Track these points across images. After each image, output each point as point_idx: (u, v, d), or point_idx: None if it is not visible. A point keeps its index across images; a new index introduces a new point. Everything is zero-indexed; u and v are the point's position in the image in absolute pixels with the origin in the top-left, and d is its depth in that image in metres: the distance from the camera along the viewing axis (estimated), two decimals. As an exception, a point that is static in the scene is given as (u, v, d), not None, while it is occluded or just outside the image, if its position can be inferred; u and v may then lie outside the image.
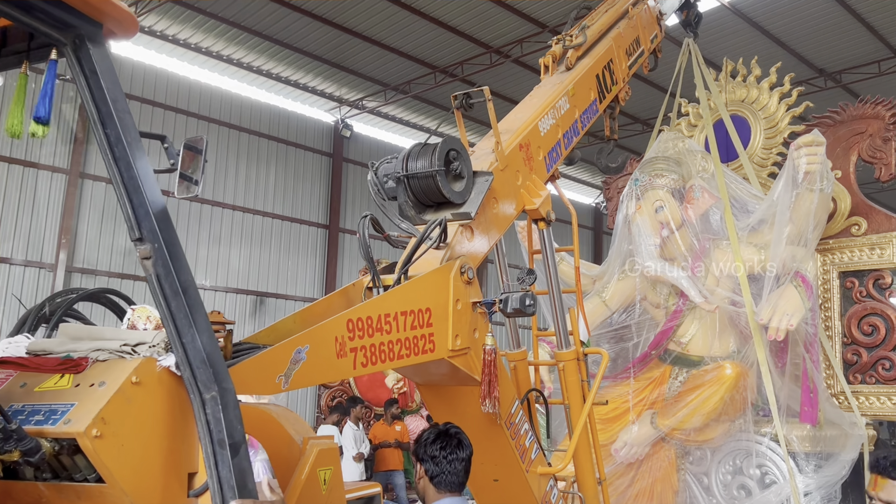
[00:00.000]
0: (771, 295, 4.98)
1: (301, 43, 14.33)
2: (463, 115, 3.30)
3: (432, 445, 2.66)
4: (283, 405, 10.07)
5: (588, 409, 3.49)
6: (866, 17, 13.35)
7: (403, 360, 2.68)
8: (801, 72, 14.28)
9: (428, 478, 2.66)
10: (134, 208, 1.69)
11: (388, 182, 3.05)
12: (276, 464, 2.24)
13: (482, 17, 13.40)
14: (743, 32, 13.31)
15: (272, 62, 15.14)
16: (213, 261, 15.42)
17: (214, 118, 15.44)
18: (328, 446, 2.19)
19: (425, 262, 2.92)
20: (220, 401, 1.63)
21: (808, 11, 13.06)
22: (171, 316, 1.72)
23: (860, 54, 14.42)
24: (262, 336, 2.63)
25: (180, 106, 14.98)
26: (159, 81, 14.80)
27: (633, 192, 5.67)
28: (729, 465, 5.17)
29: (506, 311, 2.98)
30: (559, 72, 4.01)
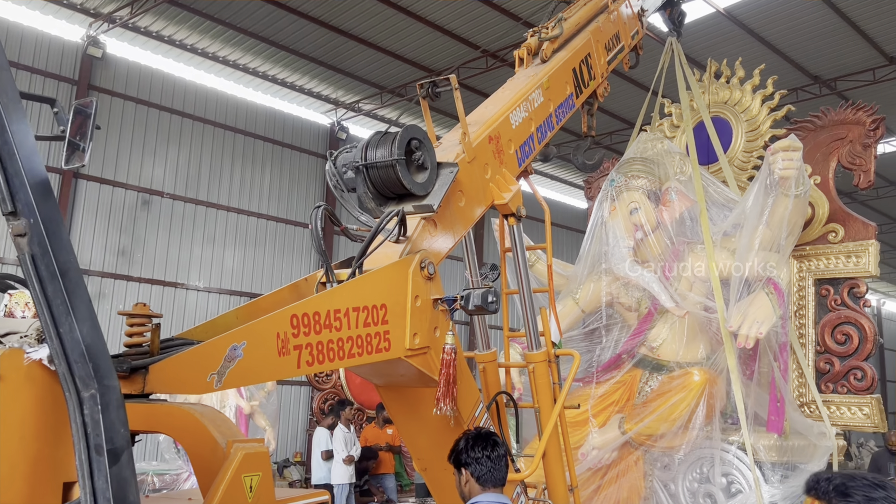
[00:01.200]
0: (741, 302, 4.76)
1: (297, 45, 14.07)
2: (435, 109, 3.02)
3: (474, 449, 2.75)
4: (275, 407, 9.69)
5: (558, 411, 3.21)
6: (861, 25, 13.21)
7: (355, 359, 2.40)
8: (795, 79, 14.19)
9: (474, 479, 2.76)
10: (7, 178, 1.37)
11: (347, 172, 2.77)
12: (198, 469, 1.96)
13: (478, 21, 13.18)
14: (738, 38, 13.16)
15: (268, 64, 14.87)
16: (207, 262, 15.10)
17: (209, 119, 15.14)
18: (256, 450, 1.90)
19: (383, 256, 2.64)
20: (100, 400, 1.34)
21: (803, 18, 12.92)
22: (46, 302, 1.42)
23: (855, 62, 14.29)
24: (198, 332, 2.35)
25: (175, 106, 14.68)
26: (154, 82, 14.50)
27: (608, 193, 5.43)
28: (696, 473, 4.94)
29: (467, 308, 2.70)
30: (534, 64, 3.76)
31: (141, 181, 14.24)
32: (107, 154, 13.81)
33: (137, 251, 14.15)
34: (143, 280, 14.14)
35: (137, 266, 14.15)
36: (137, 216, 14.22)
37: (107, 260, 13.74)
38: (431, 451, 2.96)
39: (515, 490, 3.15)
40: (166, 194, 14.53)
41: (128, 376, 1.96)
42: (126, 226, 14.06)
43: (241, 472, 1.89)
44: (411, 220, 2.74)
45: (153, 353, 2.05)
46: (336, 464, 9.46)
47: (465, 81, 14.05)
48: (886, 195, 20.71)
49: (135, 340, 2.09)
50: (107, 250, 13.77)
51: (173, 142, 14.61)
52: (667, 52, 6.16)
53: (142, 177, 14.24)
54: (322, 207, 2.55)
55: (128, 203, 14.09)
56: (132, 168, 14.16)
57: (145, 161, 14.28)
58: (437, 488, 3.09)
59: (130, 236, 14.10)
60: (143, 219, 14.27)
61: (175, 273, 14.53)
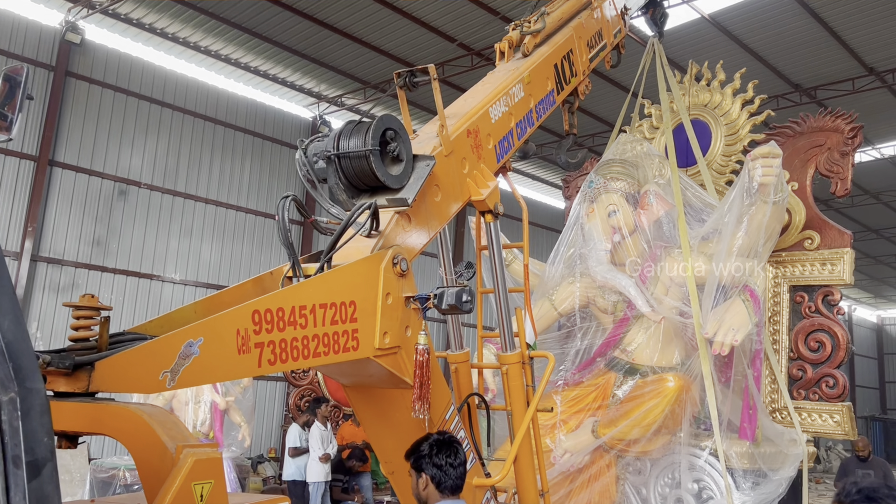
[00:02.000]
0: (717, 308, 4.67)
1: (281, 37, 13.84)
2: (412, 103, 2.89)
3: (438, 456, 2.74)
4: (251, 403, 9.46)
5: (531, 415, 3.09)
6: (843, 35, 13.34)
7: (321, 358, 2.26)
8: (777, 86, 14.28)
9: (434, 484, 2.75)
10: None
11: (318, 162, 2.62)
12: (145, 475, 1.80)
13: (465, 20, 13.07)
14: (721, 45, 13.21)
15: (250, 55, 14.61)
16: (184, 254, 14.81)
17: (189, 109, 14.84)
18: (208, 456, 1.75)
19: (353, 251, 2.50)
20: (21, 405, 1.17)
21: (786, 27, 13.00)
22: (-43, 292, 1.24)
23: (835, 71, 14.41)
24: (153, 326, 2.19)
25: (154, 96, 14.38)
26: (134, 70, 14.19)
27: (586, 195, 5.31)
28: (668, 478, 4.85)
29: (440, 307, 2.57)
30: (515, 58, 3.64)
31: (118, 171, 13.92)
32: (83, 142, 13.48)
33: (113, 242, 13.84)
34: (118, 271, 13.82)
35: (112, 257, 13.83)
36: (114, 206, 13.90)
37: (81, 250, 13.42)
38: (400, 453, 2.82)
39: (485, 495, 3.03)
40: (144, 185, 14.22)
41: (71, 373, 1.80)
42: (102, 216, 13.74)
43: (192, 479, 1.73)
44: (384, 214, 2.60)
45: (101, 349, 1.89)
46: (312, 461, 9.34)
47: (449, 79, 13.93)
48: (861, 203, 20.99)
49: (81, 334, 1.93)
50: (81, 240, 13.45)
51: (152, 131, 14.30)
52: (648, 52, 6.07)
53: (119, 166, 13.92)
54: (290, 197, 2.40)
55: (104, 192, 13.76)
56: (109, 157, 13.83)
57: (123, 150, 13.95)
58: (403, 492, 2.96)
59: (106, 226, 13.78)
60: (120, 209, 13.96)
61: (151, 265, 14.23)
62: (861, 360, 35.06)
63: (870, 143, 17.96)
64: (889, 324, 38.24)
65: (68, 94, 13.28)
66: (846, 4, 12.47)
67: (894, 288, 33.66)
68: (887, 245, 26.21)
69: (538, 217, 19.99)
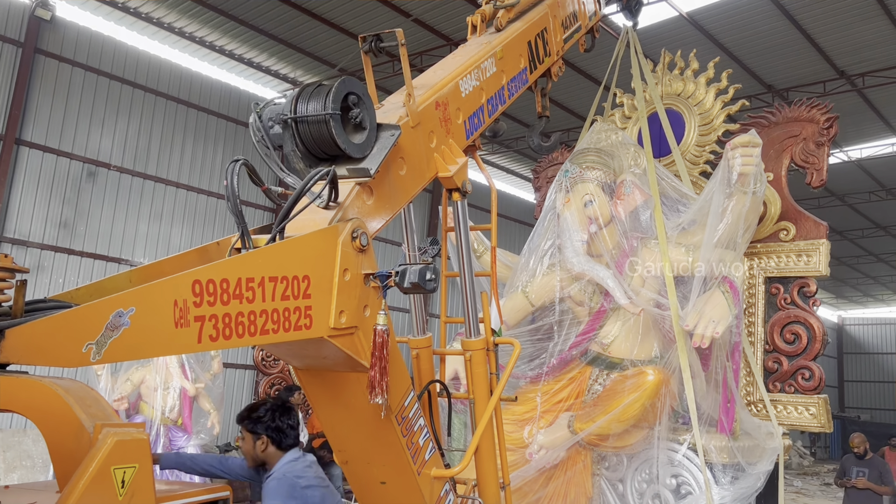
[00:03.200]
0: (697, 300, 4.52)
1: (257, 20, 13.50)
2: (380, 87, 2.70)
3: (278, 419, 3.02)
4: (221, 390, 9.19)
5: (494, 404, 2.92)
6: (816, 38, 13.42)
7: (269, 335, 2.05)
8: (750, 86, 14.35)
9: (275, 445, 3.02)
10: None
11: (273, 127, 2.41)
12: (57, 459, 1.58)
13: (444, 9, 12.82)
14: (698, 43, 13.22)
15: (226, 38, 14.24)
16: (153, 238, 14.44)
17: (162, 91, 14.43)
18: (133, 437, 1.54)
19: (309, 223, 2.30)
20: None
21: (762, 28, 13.05)
22: None
23: (807, 74, 14.54)
24: (80, 294, 1.97)
25: (126, 76, 13.94)
26: (106, 49, 13.75)
27: (562, 184, 5.13)
28: (645, 473, 4.68)
29: (402, 285, 2.38)
30: (488, 33, 3.46)
31: (87, 152, 13.48)
32: (52, 121, 13.02)
33: (81, 224, 13.42)
34: (86, 254, 13.42)
35: (80, 239, 13.42)
36: (82, 188, 13.48)
37: (48, 232, 13.00)
38: (354, 442, 2.64)
39: (444, 487, 2.85)
40: (113, 166, 13.80)
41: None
42: (70, 197, 13.31)
43: (111, 463, 1.52)
44: (344, 185, 2.40)
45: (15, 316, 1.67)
46: None
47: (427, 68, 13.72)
48: (827, 205, 21.23)
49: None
50: (48, 221, 13.02)
51: (123, 113, 13.87)
52: (622, 41, 5.89)
53: (88, 147, 13.48)
54: (241, 161, 2.19)
55: (72, 173, 13.33)
56: (78, 137, 13.39)
57: (92, 131, 13.52)
58: (358, 483, 2.77)
59: (74, 208, 13.35)
60: (88, 191, 13.54)
61: (119, 248, 13.84)
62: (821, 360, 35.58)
63: (837, 145, 18.15)
64: (849, 324, 38.99)
65: (37, 71, 12.81)
66: (821, 8, 12.53)
67: (855, 289, 34.29)
68: (850, 247, 26.62)
69: (509, 210, 19.88)
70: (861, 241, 25.87)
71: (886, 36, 13.37)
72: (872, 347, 37.62)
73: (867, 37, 13.39)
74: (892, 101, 15.73)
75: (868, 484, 8.09)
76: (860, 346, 38.23)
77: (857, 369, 37.83)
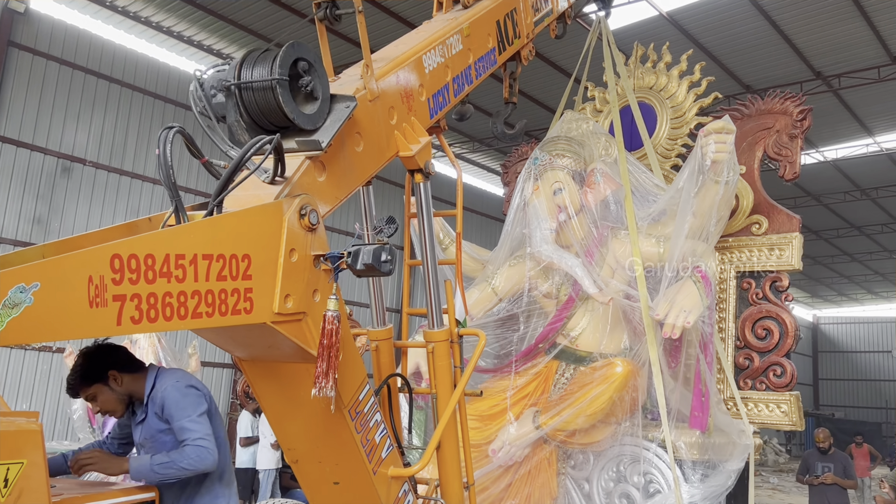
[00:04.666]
0: (668, 290, 4.34)
1: (236, 15, 13.22)
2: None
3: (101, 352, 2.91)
4: None
5: (457, 398, 2.72)
6: (793, 39, 13.52)
7: (203, 319, 1.84)
8: (729, 86, 14.39)
9: (126, 372, 2.90)
10: None
11: (216, 96, 2.20)
12: None
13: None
14: (677, 43, 13.25)
15: (204, 33, 14.10)
16: (130, 235, 14.07)
17: (139, 86, 14.16)
18: (19, 428, 1.31)
19: (252, 198, 2.09)
20: None
21: (740, 28, 13.10)
22: None
23: (785, 74, 14.63)
24: (-19, 268, 1.72)
25: (102, 70, 13.69)
26: (81, 42, 13.51)
27: (531, 172, 4.94)
28: (612, 472, 4.50)
29: (355, 266, 2.18)
30: (455, 10, 3.27)
31: (62, 147, 13.16)
32: (25, 116, 12.68)
33: (55, 220, 13.09)
34: (60, 251, 13.10)
35: (54, 235, 13.06)
36: (56, 183, 13.14)
37: (21, 227, 12.66)
38: (305, 440, 2.43)
39: (402, 487, 2.65)
40: (88, 162, 13.48)
41: None
42: (44, 192, 12.98)
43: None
44: (293, 160, 2.19)
45: None
46: (263, 448, 9.11)
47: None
48: (803, 205, 21.36)
49: None
50: (21, 217, 12.68)
51: (98, 107, 13.54)
52: (595, 31, 5.70)
53: (63, 142, 13.15)
54: (175, 129, 1.98)
55: (46, 169, 13.00)
56: (53, 132, 13.06)
57: (67, 126, 13.19)
58: (309, 484, 2.54)
59: (48, 204, 13.02)
60: (63, 186, 13.21)
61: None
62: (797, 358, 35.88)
63: (813, 146, 18.23)
64: (824, 323, 39.39)
65: (10, 65, 12.48)
66: (798, 9, 12.55)
67: (830, 288, 34.62)
68: (825, 246, 26.84)
69: (477, 204, 19.74)
70: (836, 240, 26.10)
71: (862, 37, 13.42)
72: (847, 346, 38.05)
73: (843, 38, 13.44)
74: (867, 102, 15.82)
75: (836, 479, 8.11)
76: (835, 344, 38.65)
77: (831, 368, 38.23)
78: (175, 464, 2.66)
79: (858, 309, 38.71)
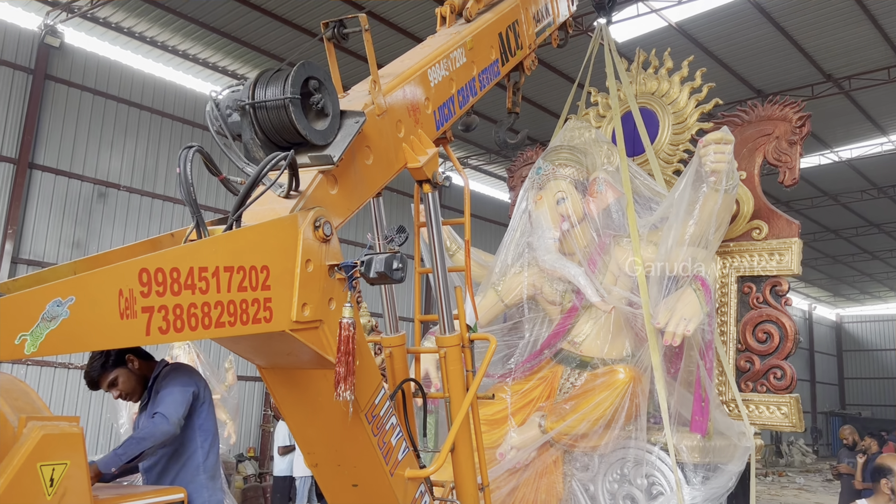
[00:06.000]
0: (668, 298, 4.37)
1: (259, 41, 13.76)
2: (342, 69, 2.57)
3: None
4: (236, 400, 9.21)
5: (470, 401, 2.76)
6: (802, 44, 13.60)
7: (226, 328, 1.91)
8: (740, 92, 14.42)
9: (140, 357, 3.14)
10: None
11: (231, 115, 2.29)
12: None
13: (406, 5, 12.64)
14: (688, 52, 13.30)
15: (228, 59, 14.73)
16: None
17: (167, 112, 14.95)
18: (63, 431, 1.39)
19: (268, 212, 2.17)
20: None
21: (750, 36, 13.20)
22: None
23: (795, 78, 14.71)
24: (17, 284, 1.84)
25: (133, 98, 14.27)
26: (112, 73, 14.37)
27: (534, 182, 4.98)
28: (616, 474, 4.51)
29: (368, 275, 2.24)
30: (458, 24, 3.35)
31: (97, 173, 13.53)
32: (63, 145, 13.08)
33: (92, 244, 13.43)
34: (98, 273, 13.44)
35: (92, 258, 13.40)
36: (93, 208, 13.50)
37: (61, 252, 13.00)
38: (323, 444, 2.48)
39: (419, 489, 2.69)
40: (123, 187, 13.82)
41: None
42: (81, 218, 13.33)
43: (38, 459, 1.37)
44: (306, 175, 2.27)
45: (-57, 305, 1.54)
46: (298, 456, 9.24)
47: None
48: (820, 205, 21.10)
49: None
50: (61, 242, 13.04)
51: (131, 134, 13.92)
52: (596, 38, 5.73)
53: (98, 169, 13.53)
54: (195, 148, 2.06)
55: (83, 195, 13.36)
56: (88, 159, 13.44)
57: (102, 153, 13.57)
58: (329, 487, 2.60)
59: (86, 229, 13.37)
60: (99, 211, 13.56)
61: (129, 266, 13.87)
62: (821, 358, 35.34)
63: (828, 146, 18.04)
64: (847, 322, 38.63)
65: (47, 96, 12.90)
66: (806, 15, 12.54)
67: (852, 287, 33.97)
68: (845, 245, 26.43)
69: (483, 210, 19.80)
70: (855, 238, 25.72)
71: (870, 40, 13.36)
72: (871, 344, 37.26)
73: (852, 41, 13.41)
74: (879, 102, 15.67)
75: (848, 469, 8.30)
76: (859, 343, 37.88)
77: (856, 366, 37.45)
78: (132, 439, 2.77)
79: (882, 307, 37.83)
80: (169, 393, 2.89)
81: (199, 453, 2.98)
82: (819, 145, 17.68)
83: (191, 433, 2.99)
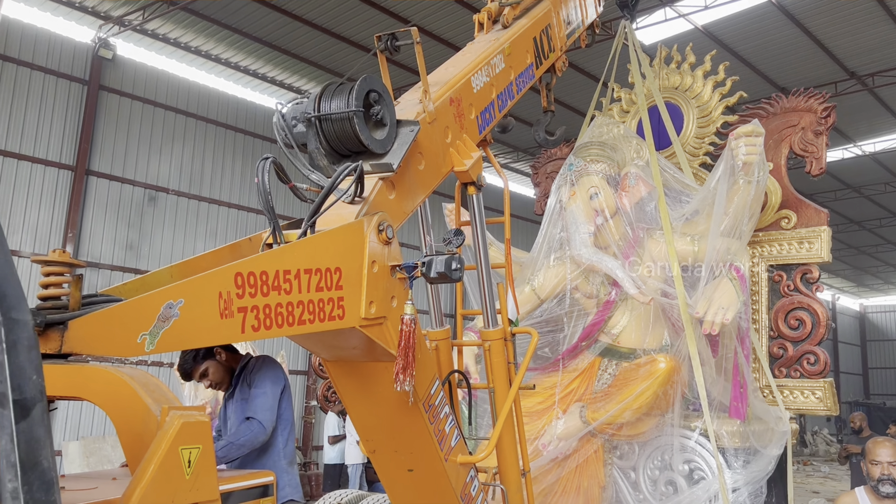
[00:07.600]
0: (706, 288, 4.46)
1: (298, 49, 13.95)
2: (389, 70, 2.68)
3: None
4: None
5: (514, 393, 2.90)
6: (825, 43, 13.71)
7: (306, 325, 2.07)
8: (765, 90, 14.45)
9: (226, 350, 3.49)
10: None
11: (297, 126, 2.43)
12: (126, 441, 1.64)
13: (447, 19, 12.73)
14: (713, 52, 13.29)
15: (269, 66, 15.14)
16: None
17: (213, 119, 15.65)
18: (196, 419, 1.56)
19: (337, 217, 2.32)
20: (6, 336, 0.94)
21: (773, 36, 13.34)
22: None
23: (819, 75, 14.76)
24: (126, 289, 2.02)
25: (180, 106, 14.91)
26: (161, 83, 15.09)
27: (567, 178, 5.04)
28: (657, 461, 4.61)
29: (429, 275, 2.38)
30: (495, 30, 3.47)
31: (148, 178, 13.96)
32: (115, 152, 13.54)
33: (144, 245, 13.89)
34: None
35: (144, 260, 13.89)
36: (144, 211, 13.95)
37: (116, 253, 13.48)
38: (382, 431, 2.62)
39: (469, 473, 2.83)
40: (172, 191, 14.25)
41: (43, 332, 1.59)
42: (134, 221, 13.79)
43: (179, 444, 1.53)
44: (368, 181, 2.41)
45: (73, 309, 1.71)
46: (349, 445, 9.73)
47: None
48: (844, 197, 20.79)
49: (51, 293, 1.72)
50: (116, 244, 13.51)
51: (178, 140, 14.35)
52: (620, 36, 5.76)
53: (149, 174, 13.96)
54: (270, 159, 2.21)
55: (135, 199, 13.81)
56: (140, 165, 13.88)
57: (152, 158, 14.00)
58: (385, 472, 2.74)
59: (138, 231, 13.82)
60: (150, 214, 14.01)
61: (179, 266, 14.30)
62: (845, 348, 34.69)
63: (852, 140, 17.80)
64: (871, 311, 37.85)
65: (101, 106, 13.35)
66: (829, 15, 12.54)
67: (876, 277, 33.30)
68: (869, 236, 26.00)
69: (522, 210, 19.75)
70: (879, 230, 25.31)
71: (893, 38, 13.18)
72: (895, 334, 36.26)
73: (874, 40, 13.39)
74: (901, 97, 15.35)
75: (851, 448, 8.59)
76: (883, 333, 37.09)
77: (880, 356, 36.69)
78: (233, 444, 2.93)
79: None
80: (262, 393, 3.03)
81: (279, 440, 3.14)
82: (842, 139, 17.48)
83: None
